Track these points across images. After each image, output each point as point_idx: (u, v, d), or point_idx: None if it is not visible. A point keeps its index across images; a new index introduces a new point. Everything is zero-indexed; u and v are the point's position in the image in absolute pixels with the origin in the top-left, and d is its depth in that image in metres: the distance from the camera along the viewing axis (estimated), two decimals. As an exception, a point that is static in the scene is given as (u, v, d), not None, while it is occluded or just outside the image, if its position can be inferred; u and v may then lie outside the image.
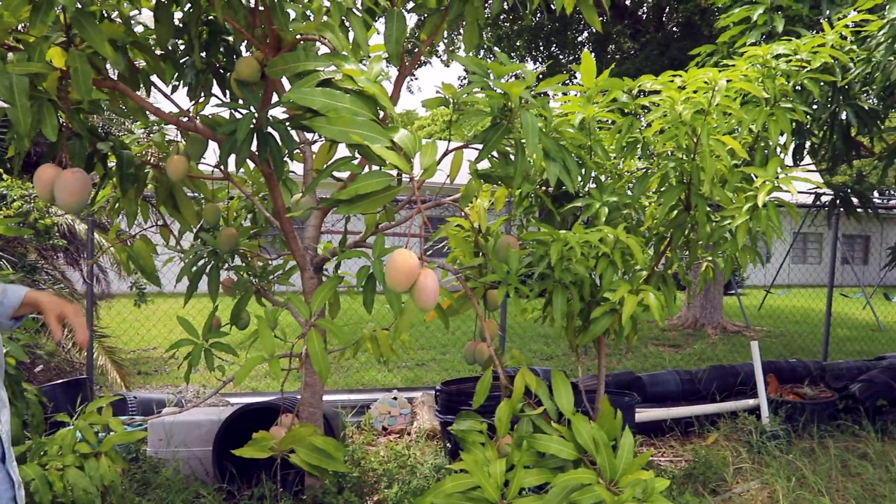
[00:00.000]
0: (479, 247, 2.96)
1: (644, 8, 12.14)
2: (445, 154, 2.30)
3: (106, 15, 2.39)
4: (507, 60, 2.23)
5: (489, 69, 2.09)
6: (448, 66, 13.42)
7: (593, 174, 3.25)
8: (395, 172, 1.73)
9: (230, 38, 2.84)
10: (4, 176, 5.77)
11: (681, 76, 3.04)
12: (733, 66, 3.20)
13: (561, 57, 12.81)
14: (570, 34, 12.32)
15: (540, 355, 8.78)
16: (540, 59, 13.12)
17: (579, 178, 3.11)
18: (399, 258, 1.80)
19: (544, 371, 5.12)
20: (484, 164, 2.68)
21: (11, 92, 1.88)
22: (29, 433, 3.36)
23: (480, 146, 2.49)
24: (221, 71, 2.89)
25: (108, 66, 2.45)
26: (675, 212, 3.21)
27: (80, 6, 1.94)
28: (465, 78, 13.92)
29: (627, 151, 3.17)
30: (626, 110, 3.23)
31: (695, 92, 2.95)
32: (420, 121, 38.44)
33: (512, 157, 2.39)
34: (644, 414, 4.92)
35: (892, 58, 3.43)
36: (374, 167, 1.85)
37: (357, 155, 1.92)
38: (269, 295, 3.17)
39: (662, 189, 3.18)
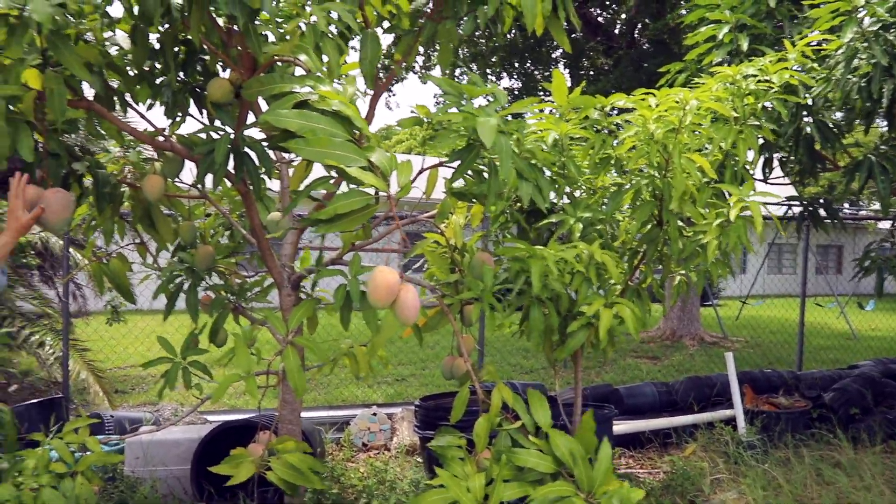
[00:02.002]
0: (455, 263, 3.00)
1: (617, 25, 12.36)
2: (420, 172, 2.34)
3: (81, 37, 2.41)
4: (480, 82, 2.28)
5: (463, 91, 2.14)
6: (425, 83, 13.51)
7: (567, 190, 3.31)
8: (372, 191, 1.77)
9: (207, 58, 2.87)
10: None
11: (653, 94, 3.12)
12: (704, 84, 3.29)
13: (536, 73, 12.97)
14: (545, 50, 12.50)
15: (519, 369, 8.82)
16: (515, 76, 13.28)
17: (553, 195, 3.16)
18: (380, 275, 1.84)
19: (523, 385, 5.16)
20: (459, 182, 2.72)
21: (-12, 114, 1.89)
22: (2, 454, 3.32)
23: (455, 164, 2.54)
24: (198, 90, 2.91)
25: (84, 85, 2.47)
26: (648, 227, 3.28)
27: (55, 28, 1.96)
28: (442, 94, 14.05)
29: (600, 168, 3.23)
30: (598, 127, 3.30)
31: (666, 111, 3.03)
32: (399, 135, 38.55)
33: (485, 175, 2.43)
34: (622, 426, 4.97)
35: (850, 76, 3.55)
36: (352, 186, 1.88)
37: (334, 173, 1.95)
38: (246, 312, 3.17)
39: (635, 205, 3.24)
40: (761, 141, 4.20)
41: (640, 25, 11.54)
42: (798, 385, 5.92)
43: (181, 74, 2.78)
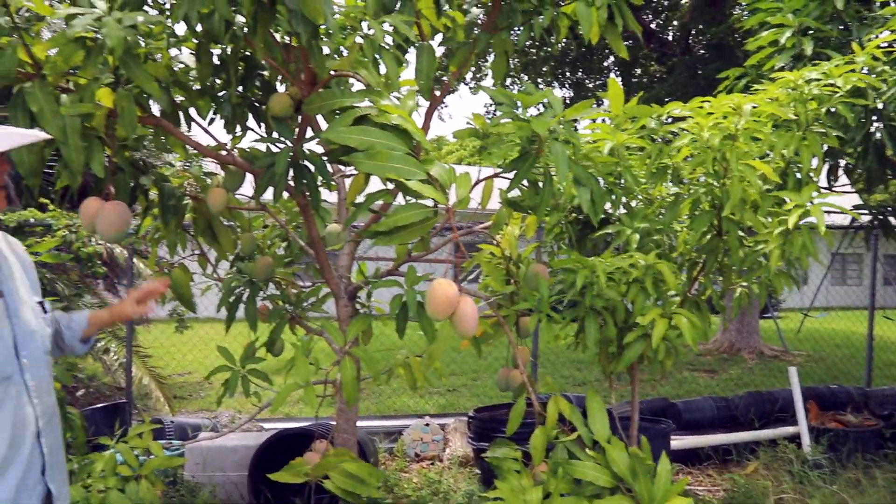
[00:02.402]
0: (511, 274, 2.98)
1: (670, 31, 12.16)
2: (477, 183, 2.34)
3: (150, 56, 2.50)
4: (533, 90, 2.27)
5: (517, 100, 2.13)
6: (476, 94, 13.52)
7: (623, 200, 3.26)
8: (431, 203, 1.78)
9: (265, 73, 2.94)
10: (50, 207, 5.98)
11: (710, 102, 3.05)
12: (764, 90, 3.20)
13: (587, 82, 12.86)
14: (596, 59, 12.38)
15: (572, 381, 8.70)
16: (566, 85, 13.19)
17: (608, 205, 3.12)
18: (439, 287, 1.85)
19: (577, 397, 5.09)
20: (514, 192, 2.72)
21: (64, 132, 1.98)
22: (72, 455, 3.45)
23: (510, 174, 2.53)
24: (257, 104, 2.98)
25: (150, 102, 2.56)
26: (707, 237, 3.20)
27: (127, 49, 2.04)
28: (493, 105, 14.06)
29: (657, 177, 3.17)
30: (654, 136, 3.24)
31: (724, 117, 2.95)
32: (449, 146, 38.73)
33: (541, 185, 2.42)
34: (680, 441, 4.84)
35: (926, 78, 3.40)
36: (411, 199, 1.90)
37: (391, 185, 1.97)
38: (303, 322, 3.22)
39: (694, 214, 3.17)
40: (825, 147, 4.05)
41: (693, 31, 11.33)
42: (867, 402, 5.67)
43: (240, 89, 2.86)
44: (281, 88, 2.87)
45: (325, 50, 2.59)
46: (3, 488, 1.69)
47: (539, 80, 12.50)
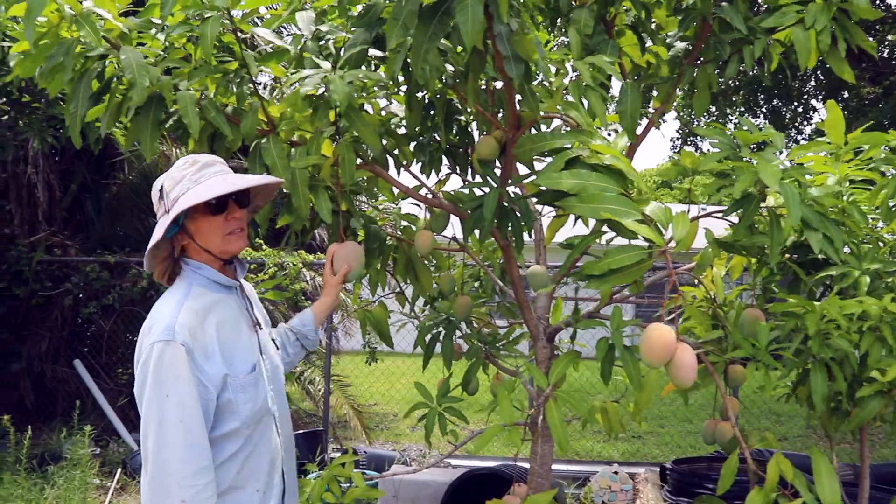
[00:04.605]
0: (718, 318, 2.80)
1: (886, 48, 10.97)
2: (693, 220, 2.24)
3: (363, 107, 2.70)
4: (752, 127, 2.14)
5: (736, 139, 2.02)
6: (658, 128, 13.02)
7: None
8: (646, 245, 1.72)
9: (462, 118, 3.04)
10: (264, 247, 6.64)
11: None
12: None
13: (784, 110, 11.94)
14: (796, 84, 11.46)
15: (772, 435, 7.94)
16: (760, 113, 12.34)
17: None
18: (656, 333, 1.77)
19: (785, 455, 4.62)
20: (720, 230, 2.57)
21: (294, 183, 2.19)
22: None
23: (713, 211, 2.40)
24: (449, 147, 3.09)
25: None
26: (959, 281, 2.78)
27: (349, 103, 2.21)
28: (678, 139, 13.48)
29: (894, 214, 2.84)
30: (891, 168, 2.91)
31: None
32: (626, 182, 37.76)
33: (756, 226, 2.27)
34: (918, 515, 4.19)
35: None
36: (618, 240, 1.85)
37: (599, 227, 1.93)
38: (497, 362, 3.23)
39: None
40: None
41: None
42: None
43: (436, 135, 2.98)
44: (476, 132, 2.96)
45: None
46: None
47: (728, 110, 11.83)
